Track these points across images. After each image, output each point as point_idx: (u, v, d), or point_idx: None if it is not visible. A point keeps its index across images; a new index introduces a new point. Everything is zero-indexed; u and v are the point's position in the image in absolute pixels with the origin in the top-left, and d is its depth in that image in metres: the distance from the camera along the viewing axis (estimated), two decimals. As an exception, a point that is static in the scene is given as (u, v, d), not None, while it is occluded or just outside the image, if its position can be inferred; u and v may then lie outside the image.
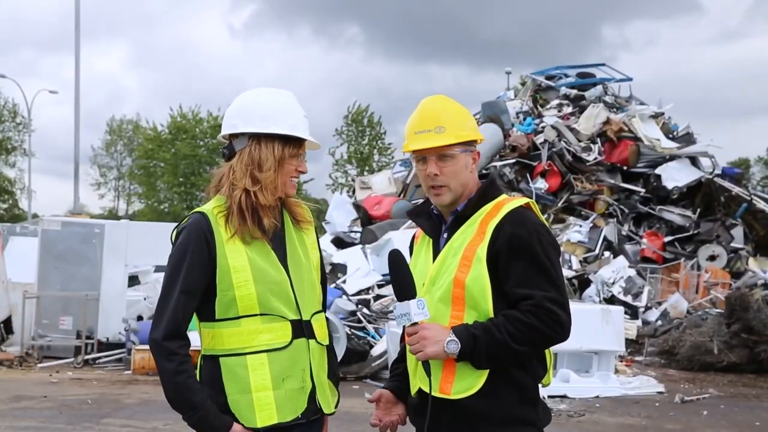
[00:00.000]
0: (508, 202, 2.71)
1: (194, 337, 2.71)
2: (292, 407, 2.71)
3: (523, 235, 2.61)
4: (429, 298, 2.64)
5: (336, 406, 2.91)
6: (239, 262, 2.66)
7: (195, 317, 2.76)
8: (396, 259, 2.64)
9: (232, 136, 2.78)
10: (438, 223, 2.82)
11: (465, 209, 2.73)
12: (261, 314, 2.68)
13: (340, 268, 14.55)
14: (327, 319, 2.95)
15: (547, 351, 2.77)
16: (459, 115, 2.77)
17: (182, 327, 2.66)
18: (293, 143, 2.75)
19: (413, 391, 2.77)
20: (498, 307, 2.61)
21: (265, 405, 2.66)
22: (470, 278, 2.60)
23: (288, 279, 2.74)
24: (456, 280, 2.62)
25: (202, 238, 2.66)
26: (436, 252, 2.76)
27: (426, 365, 2.60)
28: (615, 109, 20.95)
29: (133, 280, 15.34)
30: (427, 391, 2.62)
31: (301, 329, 2.74)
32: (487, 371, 2.60)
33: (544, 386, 2.80)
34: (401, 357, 2.94)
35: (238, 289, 2.66)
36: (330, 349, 2.93)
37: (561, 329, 2.60)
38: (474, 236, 2.66)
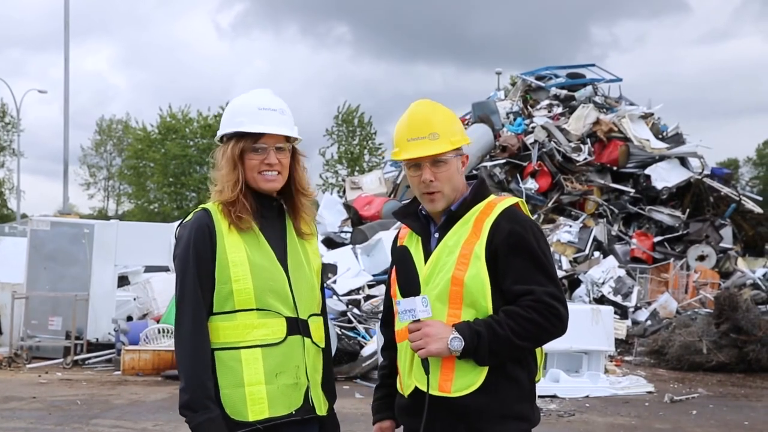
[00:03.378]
0: (500, 201, 2.73)
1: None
2: (286, 403, 2.73)
3: (520, 231, 2.64)
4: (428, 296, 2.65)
5: (328, 411, 2.91)
6: (238, 257, 2.72)
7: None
8: (402, 256, 2.67)
9: None
10: (426, 223, 2.82)
11: (459, 209, 2.73)
12: (257, 309, 2.72)
13: (330, 269, 14.54)
14: (326, 324, 2.97)
15: (538, 349, 2.78)
16: (449, 120, 2.77)
17: (203, 322, 2.72)
18: (247, 138, 2.78)
19: (407, 391, 2.76)
20: (497, 304, 2.62)
21: (257, 399, 2.69)
22: (469, 276, 2.61)
23: (286, 277, 2.78)
24: (454, 278, 2.62)
25: (204, 232, 2.73)
26: (426, 252, 2.76)
27: (425, 363, 2.61)
28: (605, 110, 21.03)
29: (123, 281, 15.30)
30: (425, 389, 2.63)
31: (297, 327, 2.77)
32: (486, 368, 2.61)
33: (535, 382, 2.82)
34: (388, 374, 2.95)
35: (235, 283, 2.70)
36: (327, 357, 2.95)
37: (561, 323, 2.63)
38: (470, 234, 2.67)
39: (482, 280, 2.61)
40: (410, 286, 2.63)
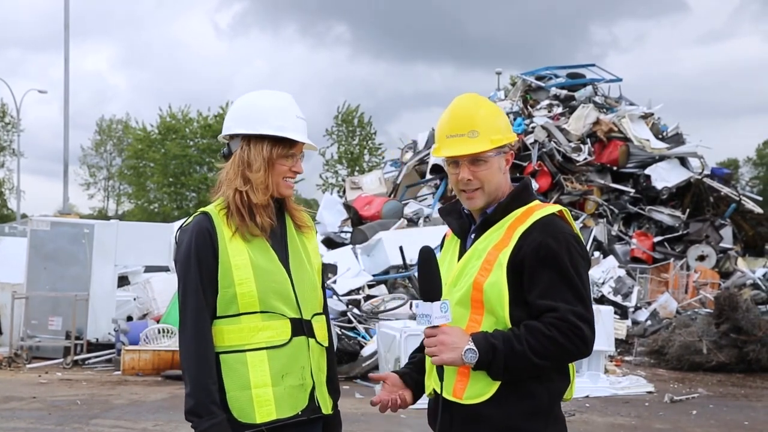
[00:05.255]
0: (539, 209, 2.61)
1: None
2: (292, 404, 2.74)
3: (552, 244, 2.50)
4: (449, 300, 2.54)
5: (333, 409, 2.91)
6: (241, 260, 2.71)
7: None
8: (427, 257, 2.52)
9: (231, 138, 2.84)
10: (468, 222, 2.73)
11: (494, 213, 2.63)
12: (261, 312, 2.72)
13: (330, 269, 14.53)
14: (328, 322, 2.98)
15: (570, 364, 2.66)
16: (492, 117, 2.66)
17: (207, 326, 2.71)
18: (284, 144, 2.77)
19: (427, 391, 2.72)
20: (515, 315, 2.51)
21: (264, 401, 2.69)
22: (489, 283, 2.51)
23: (289, 279, 2.78)
24: (476, 283, 2.53)
25: (206, 236, 2.72)
26: (462, 252, 2.68)
27: (440, 370, 2.52)
28: (605, 110, 21.01)
29: (123, 281, 15.30)
30: (440, 392, 2.58)
31: (301, 327, 2.77)
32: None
33: (564, 401, 2.70)
34: (421, 347, 2.80)
35: (239, 286, 2.70)
36: (330, 355, 2.95)
37: (584, 345, 2.49)
38: (499, 241, 2.57)
39: (500, 288, 2.50)
40: (431, 289, 2.49)
